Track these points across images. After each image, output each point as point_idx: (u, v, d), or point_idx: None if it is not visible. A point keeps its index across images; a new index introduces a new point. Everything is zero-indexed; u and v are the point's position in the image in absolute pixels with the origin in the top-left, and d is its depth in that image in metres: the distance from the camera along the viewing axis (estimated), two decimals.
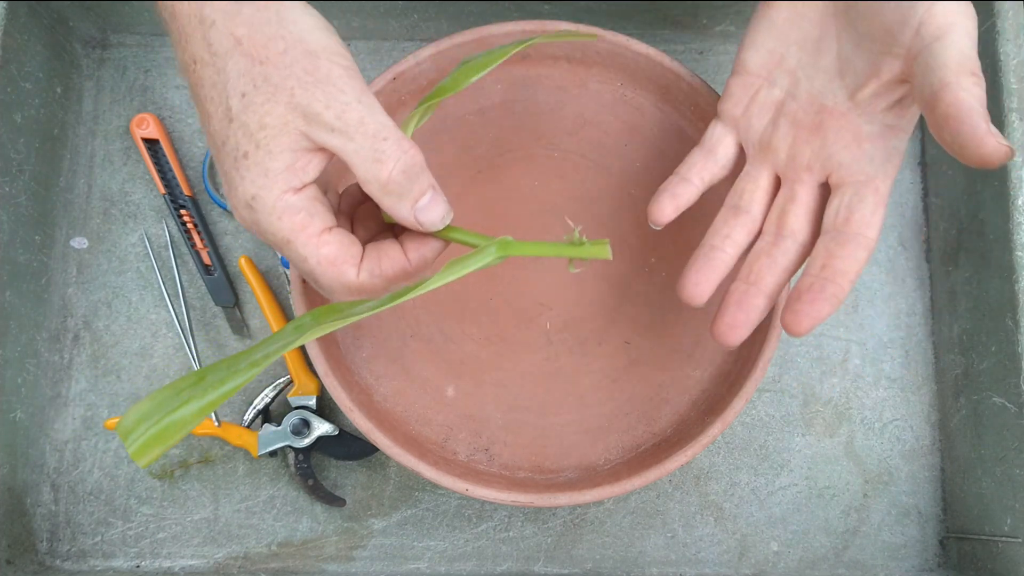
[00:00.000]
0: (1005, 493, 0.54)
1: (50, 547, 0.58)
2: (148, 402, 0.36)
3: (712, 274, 0.44)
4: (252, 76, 0.34)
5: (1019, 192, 0.54)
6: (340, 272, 0.37)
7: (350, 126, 0.35)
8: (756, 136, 0.45)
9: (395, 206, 0.37)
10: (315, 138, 0.35)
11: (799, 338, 0.40)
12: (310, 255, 0.36)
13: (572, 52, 0.55)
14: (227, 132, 0.34)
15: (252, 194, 0.35)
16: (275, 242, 0.36)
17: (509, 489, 0.48)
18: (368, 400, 0.51)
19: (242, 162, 0.34)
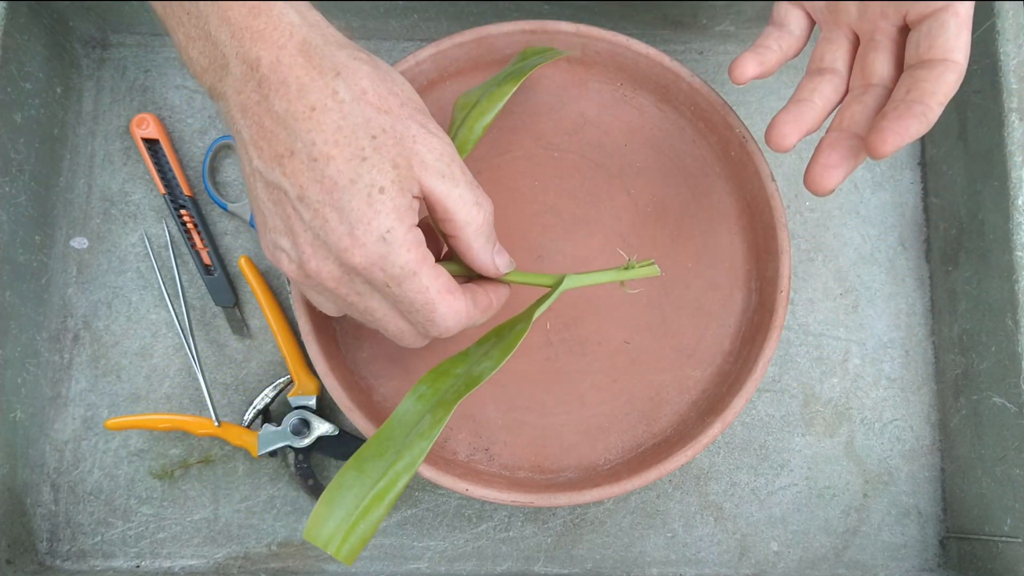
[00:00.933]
0: (1005, 493, 0.54)
1: (50, 547, 0.58)
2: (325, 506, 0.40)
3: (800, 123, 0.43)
4: (380, 123, 0.37)
5: (1019, 192, 0.54)
6: (455, 300, 0.40)
7: (455, 174, 0.39)
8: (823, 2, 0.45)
9: (483, 248, 0.42)
10: (427, 183, 0.38)
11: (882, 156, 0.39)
12: (432, 285, 0.38)
13: (572, 52, 0.55)
14: (359, 170, 0.36)
15: (388, 227, 0.36)
16: (400, 275, 0.37)
17: (509, 489, 0.48)
18: (368, 400, 0.51)
19: (377, 197, 0.36)
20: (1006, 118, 0.54)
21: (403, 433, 0.41)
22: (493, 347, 0.44)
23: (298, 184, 0.36)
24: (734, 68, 0.45)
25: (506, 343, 0.43)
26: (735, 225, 0.54)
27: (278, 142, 0.36)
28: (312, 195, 0.36)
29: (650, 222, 0.55)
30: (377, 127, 0.37)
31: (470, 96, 0.50)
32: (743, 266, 0.54)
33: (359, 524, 0.39)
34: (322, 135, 0.36)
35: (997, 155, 0.55)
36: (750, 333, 0.52)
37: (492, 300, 0.43)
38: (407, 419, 0.42)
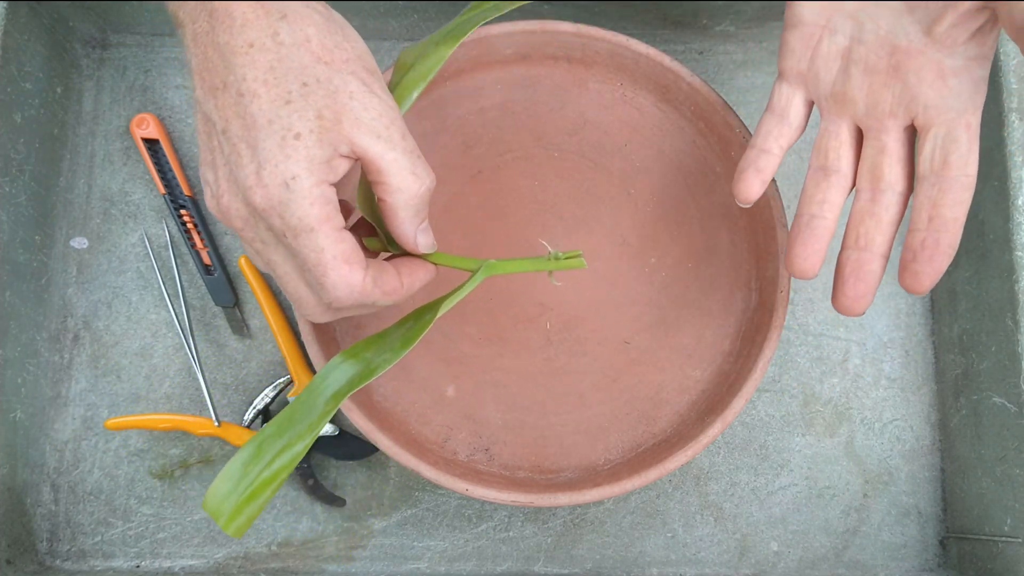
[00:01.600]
0: (1005, 493, 0.54)
1: (50, 547, 0.58)
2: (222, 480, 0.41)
3: (818, 243, 0.43)
4: (315, 71, 0.36)
5: (1019, 192, 0.54)
6: (351, 271, 0.37)
7: (393, 137, 0.37)
8: (827, 89, 0.43)
9: (407, 221, 0.40)
10: (359, 141, 0.37)
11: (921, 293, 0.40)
12: (328, 247, 0.37)
13: (572, 52, 0.55)
14: (280, 112, 0.35)
15: (294, 174, 0.35)
16: (297, 227, 0.36)
17: (509, 489, 0.48)
18: (368, 400, 0.51)
19: (291, 142, 0.35)
20: (1006, 118, 0.54)
21: (302, 417, 0.41)
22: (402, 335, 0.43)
23: (224, 117, 0.36)
24: (741, 192, 0.45)
25: (411, 333, 0.42)
26: (735, 225, 0.54)
27: (215, 74, 0.36)
28: (233, 130, 0.36)
29: (650, 222, 0.55)
30: (311, 75, 0.36)
31: (409, 54, 0.48)
32: (743, 266, 0.54)
33: (249, 503, 0.41)
34: (253, 72, 0.36)
35: (997, 155, 0.55)
36: (750, 333, 0.52)
37: (402, 284, 0.41)
38: (313, 401, 0.42)
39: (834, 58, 0.42)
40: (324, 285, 0.37)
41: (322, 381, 0.42)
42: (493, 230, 0.54)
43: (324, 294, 0.38)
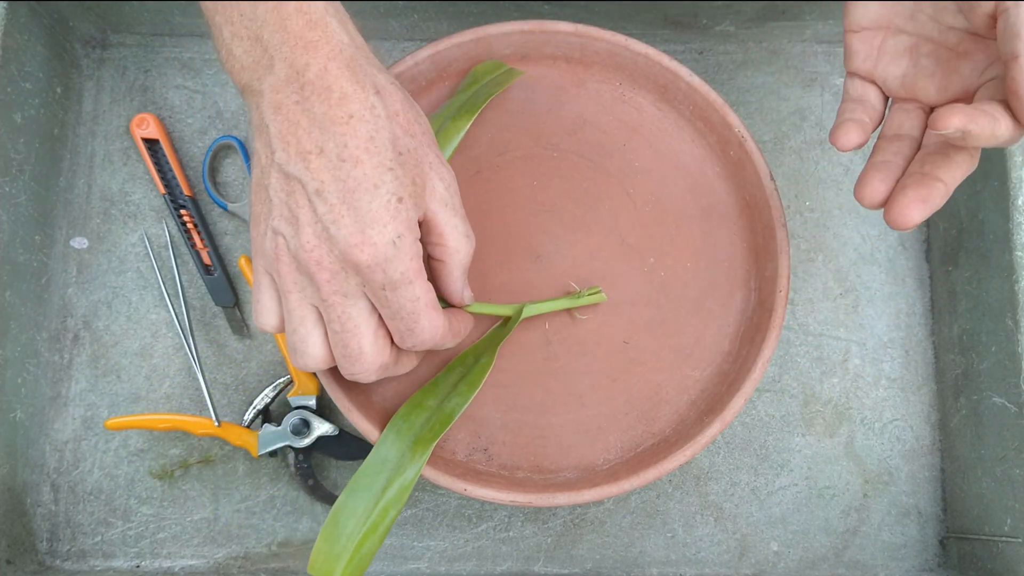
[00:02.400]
0: (1005, 493, 0.54)
1: (50, 547, 0.58)
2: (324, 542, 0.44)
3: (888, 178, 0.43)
4: (406, 143, 0.40)
5: (1019, 192, 0.54)
6: (438, 316, 0.42)
7: (456, 206, 0.43)
8: (898, 82, 0.45)
9: (459, 279, 0.45)
10: (432, 208, 0.42)
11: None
12: (423, 296, 0.41)
13: (571, 52, 0.55)
14: (385, 178, 0.39)
15: (399, 233, 0.39)
16: (399, 280, 0.40)
17: (508, 489, 0.48)
18: (368, 400, 0.51)
19: (396, 205, 0.39)
20: None
21: (387, 468, 0.46)
22: (461, 380, 0.49)
23: (320, 179, 0.38)
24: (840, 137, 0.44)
25: (473, 376, 0.48)
26: (734, 225, 0.54)
27: (309, 140, 0.39)
28: (332, 191, 0.38)
29: (649, 222, 0.54)
30: (404, 146, 0.40)
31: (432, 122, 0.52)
32: (742, 266, 0.54)
33: (356, 556, 0.43)
34: (355, 140, 0.38)
35: (997, 155, 0.55)
36: (749, 333, 0.52)
37: (461, 328, 0.47)
38: (389, 454, 0.46)
39: (901, 55, 0.44)
40: (414, 330, 0.42)
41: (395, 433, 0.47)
42: (492, 230, 0.54)
43: (411, 337, 0.42)
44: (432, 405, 0.48)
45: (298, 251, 0.39)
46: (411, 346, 0.43)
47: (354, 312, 0.41)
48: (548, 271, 0.54)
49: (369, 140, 0.39)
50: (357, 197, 0.38)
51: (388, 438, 0.47)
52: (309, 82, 0.39)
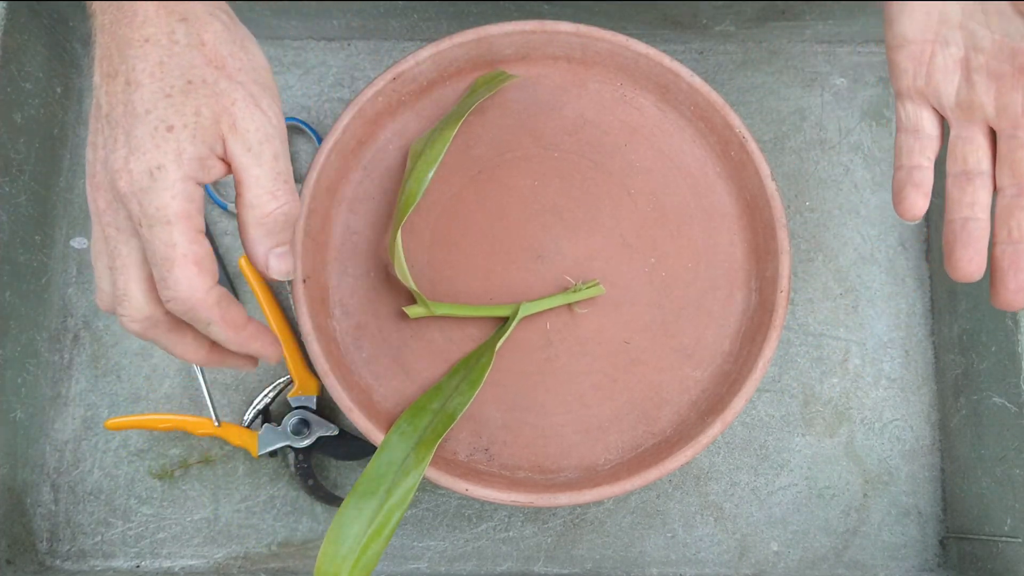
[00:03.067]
0: (1005, 493, 0.54)
1: (50, 547, 0.58)
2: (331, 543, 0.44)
3: (979, 243, 0.42)
4: (203, 73, 0.37)
5: None
6: (199, 273, 0.37)
7: (265, 154, 0.39)
8: (952, 100, 0.43)
9: (258, 241, 0.40)
10: (231, 148, 0.38)
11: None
12: (181, 244, 0.36)
13: (572, 52, 0.55)
14: (158, 103, 0.36)
15: (159, 164, 0.36)
16: (154, 217, 0.36)
17: (509, 489, 0.48)
18: (368, 400, 0.51)
19: (163, 133, 0.36)
20: None
21: (392, 470, 0.46)
22: (463, 380, 0.49)
23: (111, 103, 0.37)
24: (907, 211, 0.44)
25: (474, 376, 0.48)
26: (735, 225, 0.54)
27: (111, 62, 0.37)
28: (115, 115, 0.37)
29: (650, 222, 0.54)
30: (198, 76, 0.37)
31: (419, 144, 0.52)
32: (743, 266, 0.54)
33: (361, 559, 0.43)
34: (143, 64, 0.37)
35: None
36: (750, 333, 0.52)
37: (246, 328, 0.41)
38: (393, 457, 0.46)
39: (953, 69, 0.42)
40: (167, 281, 0.37)
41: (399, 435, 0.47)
42: (493, 230, 0.54)
43: (165, 290, 0.37)
44: (435, 408, 0.48)
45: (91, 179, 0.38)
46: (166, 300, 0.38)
47: (124, 249, 0.38)
48: (549, 271, 0.54)
49: (158, 65, 0.37)
50: (130, 122, 0.36)
51: (392, 441, 0.47)
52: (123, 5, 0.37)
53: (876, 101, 0.64)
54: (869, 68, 0.65)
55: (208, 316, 0.38)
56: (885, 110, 0.64)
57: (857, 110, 0.64)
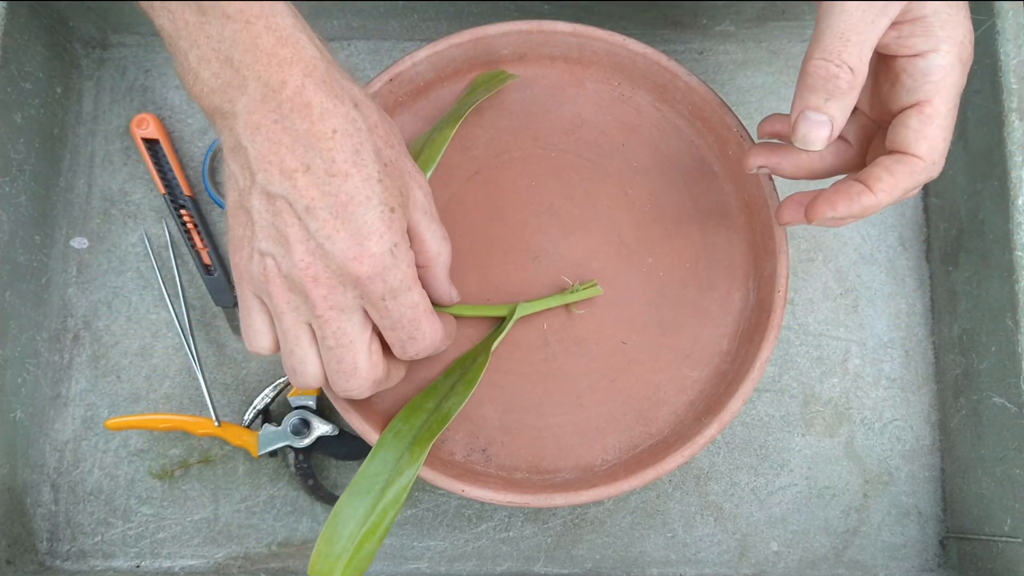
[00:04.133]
0: (1005, 493, 0.54)
1: (50, 547, 0.58)
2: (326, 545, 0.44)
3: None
4: (388, 155, 0.41)
5: (1019, 192, 0.53)
6: (436, 321, 0.43)
7: (433, 212, 0.44)
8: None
9: (445, 281, 0.47)
10: (413, 217, 0.43)
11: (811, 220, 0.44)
12: (422, 303, 0.42)
13: (569, 52, 0.55)
14: (376, 189, 0.39)
15: (395, 242, 0.40)
16: (399, 287, 0.40)
17: (506, 490, 0.48)
18: (366, 402, 0.51)
19: (389, 215, 0.39)
20: (1006, 118, 0.54)
21: (386, 469, 0.46)
22: (458, 380, 0.49)
23: (309, 196, 0.38)
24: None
25: (470, 376, 0.49)
26: (733, 224, 0.54)
27: (293, 158, 0.38)
28: (322, 207, 0.38)
29: (648, 222, 0.54)
30: (387, 157, 0.40)
31: (418, 142, 0.53)
32: (741, 266, 0.54)
33: (355, 558, 0.43)
34: (342, 155, 0.38)
35: (997, 155, 0.55)
36: (748, 333, 0.52)
37: (451, 329, 0.48)
38: (388, 456, 0.47)
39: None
40: (415, 337, 0.42)
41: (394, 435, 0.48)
42: (490, 230, 0.54)
43: (413, 345, 0.43)
44: (430, 407, 0.48)
45: (291, 270, 0.39)
46: (413, 354, 0.43)
47: (348, 327, 0.41)
48: (547, 271, 0.54)
49: (355, 153, 0.39)
50: (351, 211, 0.38)
51: (387, 440, 0.47)
52: (287, 99, 0.38)
53: None
54: None
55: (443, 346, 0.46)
56: None
57: None
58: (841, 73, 0.40)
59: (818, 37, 0.41)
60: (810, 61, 0.41)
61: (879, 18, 0.40)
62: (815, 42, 0.41)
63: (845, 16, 0.40)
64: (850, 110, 0.42)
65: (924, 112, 0.41)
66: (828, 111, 0.41)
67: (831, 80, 0.40)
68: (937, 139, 0.41)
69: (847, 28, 0.40)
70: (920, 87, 0.41)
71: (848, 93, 0.41)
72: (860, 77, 0.40)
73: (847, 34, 0.40)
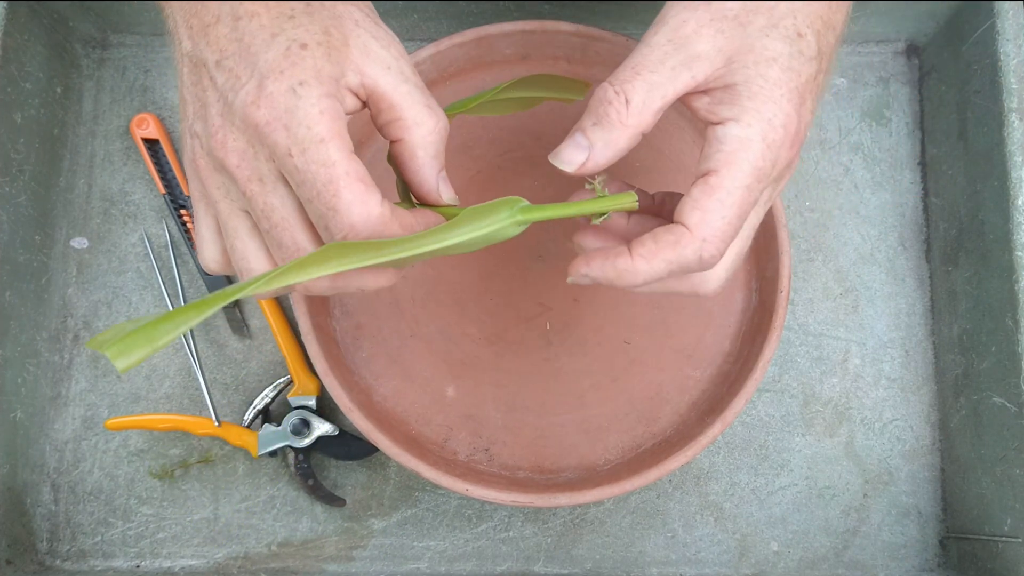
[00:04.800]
0: (1005, 493, 0.54)
1: (50, 547, 0.58)
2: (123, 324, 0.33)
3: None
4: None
5: (1019, 192, 0.54)
6: (367, 191, 0.33)
7: (405, 69, 0.35)
8: None
9: (427, 164, 0.36)
10: (369, 72, 0.34)
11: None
12: (341, 161, 0.33)
13: (572, 52, 0.55)
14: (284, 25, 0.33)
15: (301, 80, 0.32)
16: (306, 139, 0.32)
17: (509, 489, 0.48)
18: (368, 400, 0.51)
19: (297, 51, 0.32)
20: (1006, 118, 0.54)
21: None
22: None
23: (219, 48, 0.33)
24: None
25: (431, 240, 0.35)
26: None
27: (207, 12, 0.34)
28: (229, 54, 0.33)
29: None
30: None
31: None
32: (743, 266, 0.54)
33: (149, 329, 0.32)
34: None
35: (997, 155, 0.55)
36: (750, 333, 0.52)
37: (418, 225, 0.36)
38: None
39: None
40: (337, 208, 0.33)
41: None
42: None
43: (337, 221, 0.33)
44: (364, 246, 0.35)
45: (209, 143, 0.34)
46: (339, 235, 0.33)
47: (275, 200, 0.34)
48: (549, 271, 0.54)
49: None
50: (254, 51, 0.33)
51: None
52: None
53: (876, 101, 0.64)
54: (869, 68, 0.65)
55: (391, 233, 0.34)
56: (885, 110, 0.64)
57: (857, 110, 0.64)
58: (615, 101, 0.36)
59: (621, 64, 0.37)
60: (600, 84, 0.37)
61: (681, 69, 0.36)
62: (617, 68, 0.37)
63: (647, 51, 0.37)
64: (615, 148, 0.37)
65: (708, 182, 0.36)
66: (591, 136, 0.37)
67: (603, 104, 0.36)
68: (714, 214, 0.35)
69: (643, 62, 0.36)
70: (711, 155, 0.36)
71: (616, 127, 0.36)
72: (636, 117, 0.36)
73: (640, 68, 0.36)
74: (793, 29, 0.37)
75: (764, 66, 0.36)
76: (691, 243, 0.36)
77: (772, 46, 0.36)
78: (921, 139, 0.64)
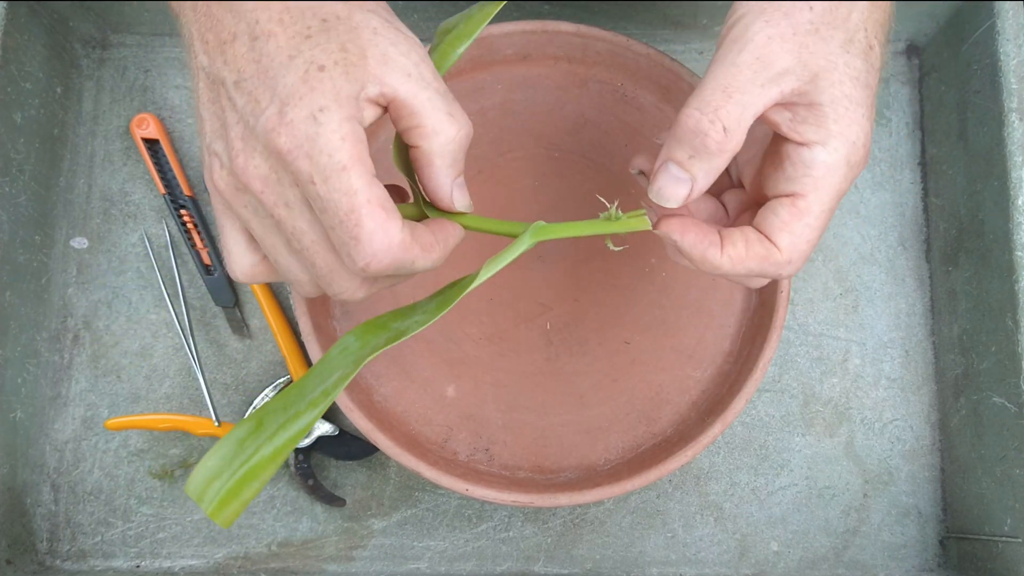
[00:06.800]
0: (1005, 493, 0.54)
1: (50, 547, 0.58)
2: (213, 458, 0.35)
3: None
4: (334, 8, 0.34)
5: (1019, 192, 0.54)
6: (388, 219, 0.33)
7: (425, 75, 0.35)
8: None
9: (443, 171, 0.36)
10: (389, 81, 0.34)
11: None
12: (362, 189, 0.32)
13: (572, 52, 0.55)
14: (301, 47, 0.33)
15: (321, 106, 0.32)
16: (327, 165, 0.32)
17: (509, 489, 0.48)
18: (368, 400, 0.51)
19: (315, 74, 0.32)
20: (1006, 118, 0.54)
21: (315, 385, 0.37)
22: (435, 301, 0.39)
23: (237, 68, 0.33)
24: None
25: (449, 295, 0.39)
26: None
27: (223, 28, 0.33)
28: (248, 76, 0.33)
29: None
30: (329, 11, 0.33)
31: (449, 23, 0.45)
32: None
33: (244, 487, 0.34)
34: (267, 14, 0.33)
35: (997, 155, 0.55)
36: (750, 333, 0.52)
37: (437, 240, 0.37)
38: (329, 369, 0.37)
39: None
40: (359, 238, 0.33)
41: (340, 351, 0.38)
42: None
43: (359, 250, 0.33)
44: (396, 327, 0.39)
45: (231, 165, 0.34)
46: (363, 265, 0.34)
47: (304, 224, 0.34)
48: (550, 271, 0.54)
49: (283, 11, 0.33)
50: (272, 74, 0.32)
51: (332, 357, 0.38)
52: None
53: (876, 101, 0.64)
54: None
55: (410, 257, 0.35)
56: (885, 110, 0.64)
57: None
58: (712, 131, 0.36)
59: (702, 85, 0.36)
60: (685, 110, 0.36)
61: (770, 85, 0.36)
62: (697, 90, 0.37)
63: (735, 70, 0.36)
64: (717, 173, 0.37)
65: (796, 205, 0.37)
66: (691, 169, 0.37)
67: (700, 136, 0.36)
68: (801, 237, 0.38)
69: (733, 83, 0.36)
70: (799, 178, 0.37)
71: (716, 155, 0.36)
72: (733, 141, 0.36)
73: (731, 90, 0.36)
74: (865, 42, 0.38)
75: (849, 86, 0.37)
76: (778, 261, 0.38)
77: (853, 63, 0.37)
78: (921, 139, 0.64)
